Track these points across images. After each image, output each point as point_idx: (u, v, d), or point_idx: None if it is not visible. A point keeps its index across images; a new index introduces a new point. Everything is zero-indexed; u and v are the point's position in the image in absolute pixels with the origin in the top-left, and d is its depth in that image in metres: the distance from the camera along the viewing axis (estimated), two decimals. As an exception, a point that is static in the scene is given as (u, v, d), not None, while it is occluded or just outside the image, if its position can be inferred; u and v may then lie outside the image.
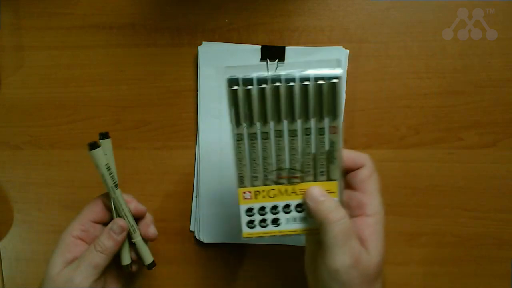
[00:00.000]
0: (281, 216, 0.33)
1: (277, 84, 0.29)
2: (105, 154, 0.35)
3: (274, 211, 0.33)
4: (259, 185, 0.33)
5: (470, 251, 0.45)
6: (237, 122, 0.31)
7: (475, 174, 0.44)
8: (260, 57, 0.43)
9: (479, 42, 0.43)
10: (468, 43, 0.43)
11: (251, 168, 0.32)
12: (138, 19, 0.45)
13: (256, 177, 0.32)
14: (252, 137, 0.31)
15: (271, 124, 0.31)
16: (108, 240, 0.35)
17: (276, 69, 0.43)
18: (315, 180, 0.32)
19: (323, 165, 0.32)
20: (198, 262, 0.47)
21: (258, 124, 0.31)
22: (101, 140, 0.35)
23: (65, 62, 0.46)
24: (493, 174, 0.44)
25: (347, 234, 0.29)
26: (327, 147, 0.31)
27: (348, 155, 0.33)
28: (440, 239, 0.45)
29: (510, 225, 0.44)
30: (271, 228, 0.33)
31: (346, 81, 0.43)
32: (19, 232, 0.48)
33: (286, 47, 0.43)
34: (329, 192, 0.32)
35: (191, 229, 0.46)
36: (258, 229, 0.33)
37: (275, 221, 0.33)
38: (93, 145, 0.34)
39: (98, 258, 0.34)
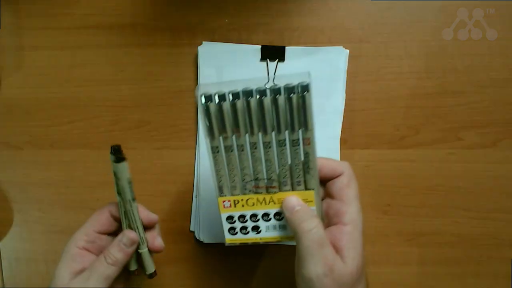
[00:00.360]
0: (261, 224, 0.34)
1: (249, 98, 0.29)
2: None
3: (254, 219, 0.34)
4: (238, 194, 0.33)
5: (470, 251, 0.45)
6: (211, 136, 0.31)
7: (475, 174, 0.44)
8: (260, 57, 0.43)
9: (479, 42, 0.43)
10: (468, 43, 0.43)
11: (230, 178, 0.33)
12: (138, 19, 0.45)
13: (234, 186, 0.33)
14: (228, 149, 0.32)
15: (246, 137, 0.31)
16: (118, 253, 0.34)
17: (275, 69, 0.44)
18: (292, 189, 0.33)
19: (299, 175, 0.32)
20: (198, 262, 0.47)
21: (233, 137, 0.31)
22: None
23: (65, 62, 0.46)
24: (493, 174, 0.44)
25: (319, 243, 0.30)
26: (301, 158, 0.31)
27: (327, 164, 0.33)
28: (440, 239, 0.45)
29: (510, 225, 0.44)
30: (252, 235, 0.34)
31: (346, 81, 0.43)
32: (19, 232, 0.48)
33: (286, 47, 0.43)
34: (307, 201, 0.32)
35: (191, 229, 0.46)
36: (240, 236, 0.34)
37: (256, 229, 0.34)
38: (120, 159, 0.32)
39: (109, 270, 0.33)
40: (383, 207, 0.45)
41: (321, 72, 0.43)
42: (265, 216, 0.33)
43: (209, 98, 0.30)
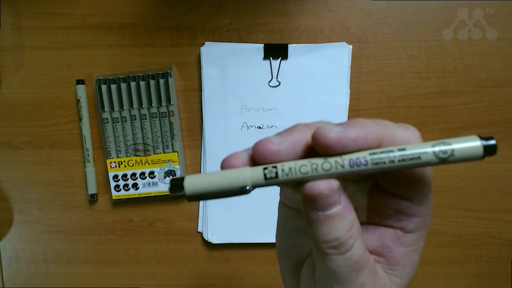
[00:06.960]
0: (139, 181, 0.44)
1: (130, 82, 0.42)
2: None
3: (133, 177, 0.44)
4: (122, 157, 0.44)
5: (470, 251, 0.45)
6: (102, 110, 0.44)
7: (475, 174, 0.44)
8: (263, 55, 0.43)
9: (479, 42, 0.43)
10: (468, 43, 0.43)
11: (116, 143, 0.44)
12: (138, 19, 0.45)
13: (120, 150, 0.44)
14: (115, 120, 0.44)
15: (128, 111, 0.44)
16: None
17: (279, 66, 0.43)
18: (164, 152, 0.44)
19: (167, 140, 0.43)
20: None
21: (118, 112, 0.44)
22: None
23: (65, 62, 0.46)
24: (493, 174, 0.44)
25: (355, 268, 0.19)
26: (168, 126, 0.43)
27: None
28: (440, 239, 0.45)
29: (510, 225, 0.44)
30: (132, 191, 0.44)
31: (350, 78, 0.43)
32: (19, 232, 0.48)
33: (289, 45, 0.43)
34: (172, 161, 0.44)
35: (199, 230, 0.46)
36: (123, 193, 0.45)
37: (135, 186, 0.44)
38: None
39: None
40: (383, 207, 0.45)
41: (324, 68, 0.43)
42: (142, 175, 0.44)
43: (103, 81, 0.44)
